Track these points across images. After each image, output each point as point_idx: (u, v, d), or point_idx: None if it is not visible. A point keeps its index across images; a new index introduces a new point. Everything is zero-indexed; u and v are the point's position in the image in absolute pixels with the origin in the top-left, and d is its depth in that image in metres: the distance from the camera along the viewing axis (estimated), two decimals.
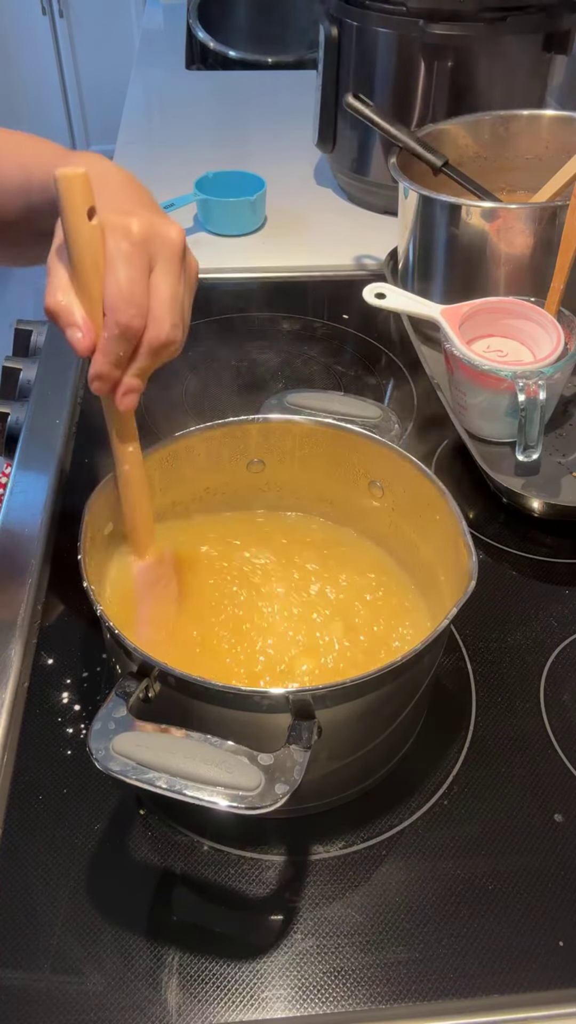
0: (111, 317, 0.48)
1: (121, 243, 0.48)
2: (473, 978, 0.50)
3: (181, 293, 0.51)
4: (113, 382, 0.51)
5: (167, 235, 0.50)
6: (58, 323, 0.49)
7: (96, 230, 0.48)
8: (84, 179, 0.46)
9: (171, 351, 0.51)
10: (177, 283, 0.50)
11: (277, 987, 0.50)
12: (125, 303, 0.48)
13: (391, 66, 1.09)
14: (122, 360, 0.50)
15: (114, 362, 0.50)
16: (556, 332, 0.82)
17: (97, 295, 0.49)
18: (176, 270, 0.50)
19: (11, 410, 0.91)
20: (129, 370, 0.50)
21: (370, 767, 0.58)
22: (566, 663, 0.67)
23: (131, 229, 0.48)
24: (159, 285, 0.49)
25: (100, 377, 0.50)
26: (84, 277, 0.48)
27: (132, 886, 0.54)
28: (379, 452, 0.62)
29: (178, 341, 0.51)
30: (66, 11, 3.00)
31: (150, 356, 0.50)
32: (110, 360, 0.50)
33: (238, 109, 1.60)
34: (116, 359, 0.50)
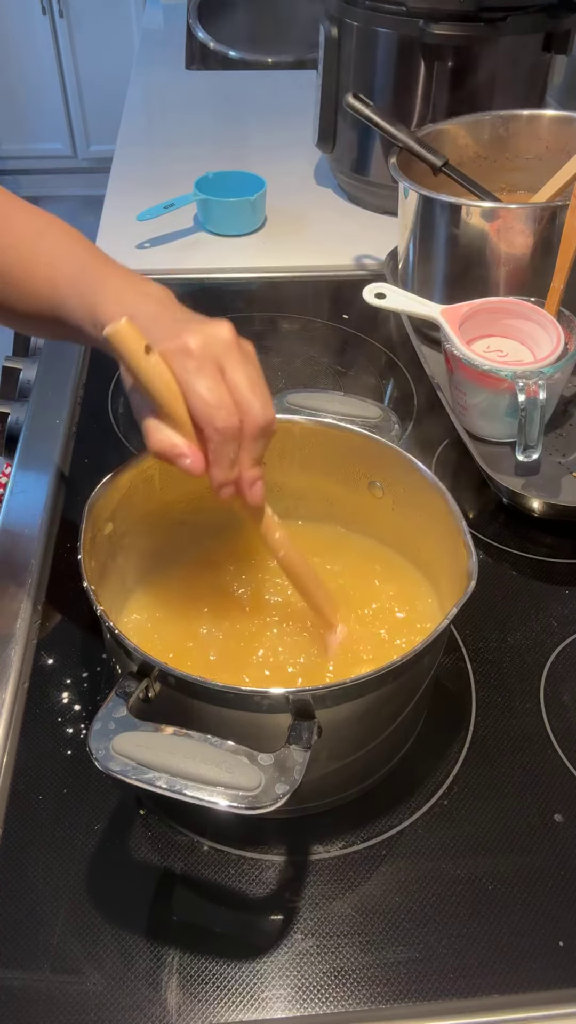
0: (208, 427, 0.51)
1: (187, 363, 0.51)
2: (473, 978, 0.50)
3: (254, 375, 0.53)
4: (235, 483, 0.53)
5: (220, 336, 0.52)
6: (168, 460, 0.52)
7: (159, 362, 0.50)
8: (130, 326, 0.49)
9: (271, 431, 0.53)
10: (247, 370, 0.53)
11: (277, 987, 0.50)
12: (215, 409, 0.50)
13: (391, 66, 1.09)
14: (234, 461, 0.52)
15: (228, 466, 0.52)
16: (556, 332, 0.82)
17: (185, 416, 0.51)
18: (241, 360, 0.53)
19: (11, 410, 0.91)
20: (243, 464, 0.53)
21: (370, 767, 0.58)
22: (566, 663, 0.67)
23: (190, 346, 0.51)
24: (234, 379, 0.52)
25: (223, 484, 0.53)
26: (167, 406, 0.51)
27: (132, 886, 0.54)
28: (379, 452, 0.62)
29: (272, 419, 0.53)
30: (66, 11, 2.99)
31: (255, 444, 0.53)
32: (224, 466, 0.52)
33: (238, 109, 1.60)
34: (229, 463, 0.52)
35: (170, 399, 0.50)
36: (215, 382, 0.51)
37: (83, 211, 3.11)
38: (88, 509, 0.56)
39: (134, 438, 0.87)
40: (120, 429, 0.88)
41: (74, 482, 0.82)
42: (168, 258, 1.15)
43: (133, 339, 0.49)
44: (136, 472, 0.60)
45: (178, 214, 1.18)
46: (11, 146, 3.25)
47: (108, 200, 1.27)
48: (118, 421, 0.89)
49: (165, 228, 1.19)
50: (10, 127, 3.21)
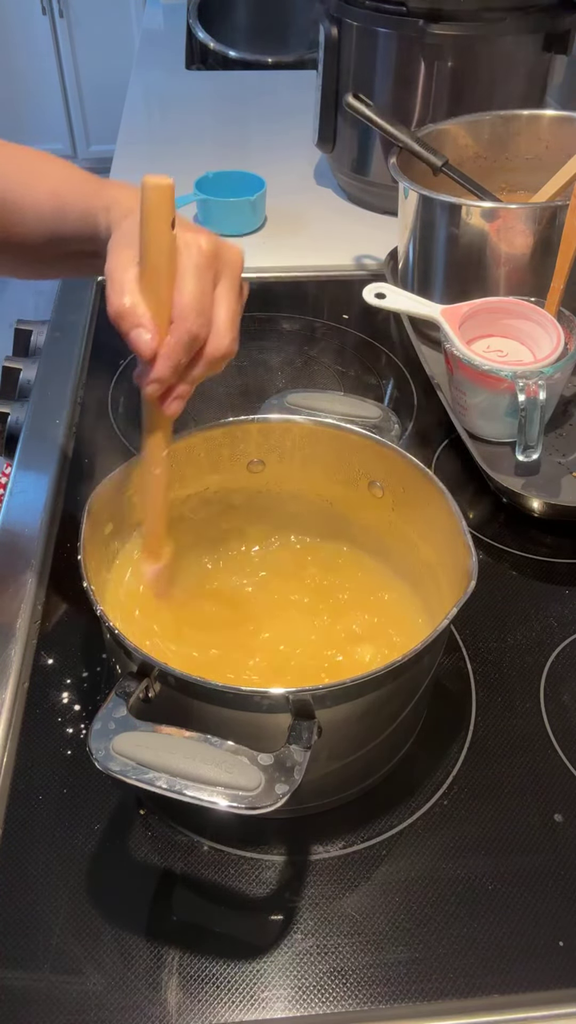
0: (180, 324, 0.50)
1: (194, 256, 0.50)
2: (473, 978, 0.50)
3: (237, 309, 0.53)
4: (168, 387, 0.52)
5: (232, 256, 0.53)
6: (123, 324, 0.50)
7: (175, 240, 0.50)
8: (171, 190, 0.48)
9: (223, 364, 0.53)
10: (237, 300, 0.53)
11: (277, 987, 0.50)
12: (195, 312, 0.50)
13: (391, 66, 1.09)
14: (181, 367, 0.52)
15: (174, 368, 0.51)
16: (556, 332, 0.82)
17: (164, 303, 0.50)
18: (237, 288, 0.53)
19: (11, 410, 0.91)
20: (184, 377, 0.52)
21: (370, 767, 0.58)
22: (566, 663, 0.67)
23: (202, 245, 0.51)
24: (223, 300, 0.52)
25: (160, 380, 0.51)
26: (156, 282, 0.50)
27: (132, 886, 0.54)
28: (379, 452, 0.62)
29: (233, 354, 0.53)
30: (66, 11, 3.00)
31: (206, 366, 0.52)
32: (171, 365, 0.51)
33: (238, 109, 1.60)
34: (177, 365, 0.51)
35: (165, 278, 0.50)
36: (208, 288, 0.51)
37: None
38: (88, 509, 0.56)
39: (134, 438, 0.87)
40: (120, 429, 0.88)
41: (74, 482, 0.82)
42: None
43: (168, 204, 0.48)
44: (135, 472, 0.60)
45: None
46: None
47: None
48: (118, 421, 0.89)
49: None
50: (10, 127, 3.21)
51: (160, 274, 0.50)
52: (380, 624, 0.62)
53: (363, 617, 0.63)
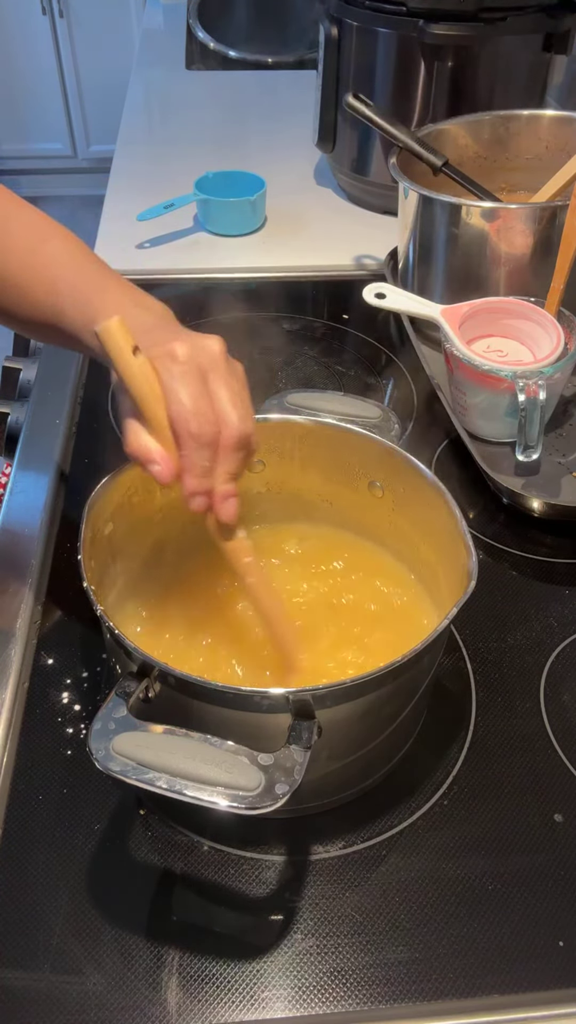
0: (183, 431, 0.51)
1: (172, 367, 0.51)
2: (473, 978, 0.50)
3: (237, 390, 0.53)
4: (208, 494, 0.52)
5: (209, 348, 0.53)
6: (139, 463, 0.52)
7: (145, 364, 0.50)
8: (120, 325, 0.50)
9: (249, 446, 0.53)
10: (231, 383, 0.52)
11: (277, 987, 0.50)
12: (192, 414, 0.50)
13: (391, 66, 1.09)
14: (208, 470, 0.52)
15: (200, 474, 0.52)
16: (556, 332, 0.82)
17: (164, 422, 0.51)
18: (227, 373, 0.53)
19: (11, 410, 0.91)
20: (217, 477, 0.52)
21: (370, 767, 0.58)
22: (566, 663, 0.67)
23: (176, 353, 0.51)
24: (216, 391, 0.52)
25: (195, 493, 0.52)
26: (147, 408, 0.51)
27: (132, 886, 0.54)
28: (379, 452, 0.62)
29: (250, 433, 0.53)
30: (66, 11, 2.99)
31: (231, 456, 0.52)
32: (196, 474, 0.52)
33: (238, 109, 1.60)
34: (202, 471, 0.52)
35: (151, 402, 0.51)
36: (196, 389, 0.51)
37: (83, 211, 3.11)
38: (88, 509, 0.56)
39: None
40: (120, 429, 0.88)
41: (74, 482, 0.82)
42: (168, 258, 1.15)
43: (122, 338, 0.50)
44: (136, 472, 0.60)
45: (178, 214, 1.18)
46: (11, 146, 3.25)
47: (108, 200, 1.27)
48: (118, 421, 0.89)
49: (165, 228, 1.19)
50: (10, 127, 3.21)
51: (147, 399, 0.51)
52: (380, 624, 0.62)
53: (363, 617, 0.63)
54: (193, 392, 0.51)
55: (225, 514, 0.53)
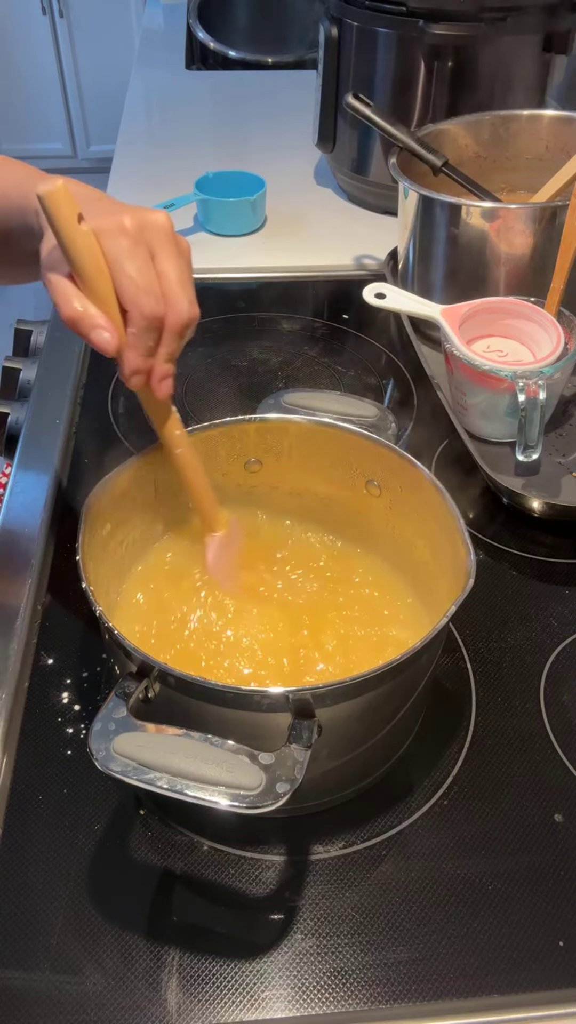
0: (135, 310, 0.50)
1: (120, 240, 0.49)
2: (473, 978, 0.50)
3: (185, 270, 0.52)
4: (147, 373, 0.53)
5: (156, 221, 0.51)
6: (80, 328, 0.50)
7: (89, 234, 0.49)
8: (65, 190, 0.47)
9: (192, 329, 0.53)
10: (180, 263, 0.52)
11: (277, 987, 0.50)
12: (144, 294, 0.50)
13: (391, 66, 1.09)
14: (152, 350, 0.52)
15: (145, 353, 0.52)
16: (556, 332, 0.82)
17: (107, 295, 0.50)
18: (175, 251, 0.52)
19: (11, 410, 0.91)
20: (159, 357, 0.52)
21: (370, 766, 0.58)
22: (566, 663, 0.67)
23: (124, 224, 0.50)
24: (166, 270, 0.51)
25: (137, 371, 0.52)
26: (90, 280, 0.49)
27: (132, 886, 0.54)
28: (376, 451, 0.62)
29: (197, 317, 0.52)
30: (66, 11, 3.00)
31: (175, 338, 0.52)
32: (141, 352, 0.51)
33: (238, 109, 1.60)
34: (147, 350, 0.52)
35: (96, 275, 0.49)
36: (146, 266, 0.50)
37: None
38: (86, 510, 0.56)
39: (134, 438, 0.87)
40: (120, 429, 0.88)
41: (74, 482, 0.82)
42: None
43: (67, 204, 0.47)
44: (134, 472, 0.60)
45: (178, 214, 1.18)
46: (11, 146, 3.25)
47: None
48: (118, 421, 0.89)
49: None
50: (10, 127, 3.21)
51: (90, 272, 0.49)
52: (379, 623, 0.62)
53: (360, 616, 0.63)
54: (143, 268, 0.50)
55: (161, 392, 0.54)
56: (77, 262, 0.49)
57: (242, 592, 0.63)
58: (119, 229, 0.50)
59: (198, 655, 0.60)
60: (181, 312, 0.51)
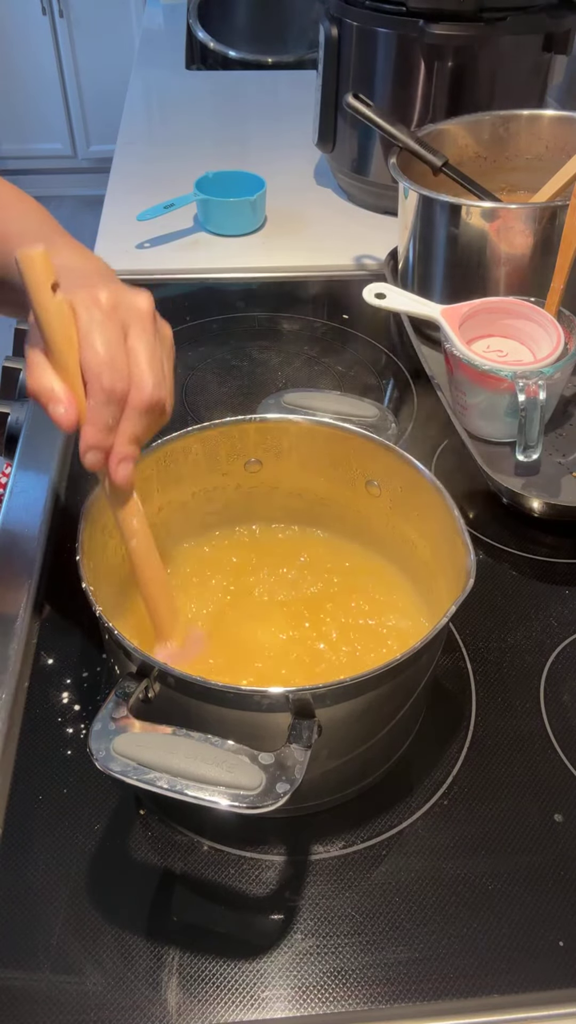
0: (94, 383, 0.48)
1: (92, 312, 0.49)
2: (473, 978, 0.50)
3: (160, 354, 0.51)
4: (106, 451, 0.50)
5: (135, 303, 0.50)
6: (40, 401, 0.49)
7: (63, 304, 0.48)
8: (43, 256, 0.46)
9: (158, 413, 0.51)
10: (153, 344, 0.50)
11: (277, 987, 0.50)
12: (106, 367, 0.48)
13: (391, 66, 1.09)
14: (111, 427, 0.49)
15: (103, 430, 0.49)
16: (556, 332, 0.82)
17: (74, 368, 0.48)
18: (150, 332, 0.50)
19: (11, 410, 0.91)
20: (120, 436, 0.50)
21: (370, 766, 0.58)
22: (566, 663, 0.67)
23: (99, 298, 0.49)
24: (135, 347, 0.49)
25: (92, 447, 0.49)
26: (58, 351, 0.48)
27: (132, 886, 0.54)
28: (376, 451, 0.62)
29: (163, 400, 0.50)
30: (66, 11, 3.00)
31: (138, 419, 0.50)
32: (99, 428, 0.49)
33: (238, 109, 1.60)
34: (105, 426, 0.49)
35: (63, 344, 0.48)
36: (114, 340, 0.49)
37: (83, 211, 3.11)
38: (86, 510, 0.56)
39: None
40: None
41: (74, 482, 0.82)
42: (168, 258, 1.15)
43: (43, 271, 0.46)
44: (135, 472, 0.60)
45: (178, 214, 1.19)
46: (11, 146, 3.25)
47: (108, 200, 1.27)
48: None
49: (165, 228, 1.19)
50: (10, 127, 3.21)
51: (58, 342, 0.48)
52: (379, 623, 0.62)
53: (362, 616, 0.63)
54: (110, 342, 0.48)
55: (119, 476, 0.51)
56: (46, 331, 0.48)
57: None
58: (93, 301, 0.49)
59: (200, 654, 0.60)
60: (144, 391, 0.49)
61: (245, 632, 0.62)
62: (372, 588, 0.65)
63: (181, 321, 1.03)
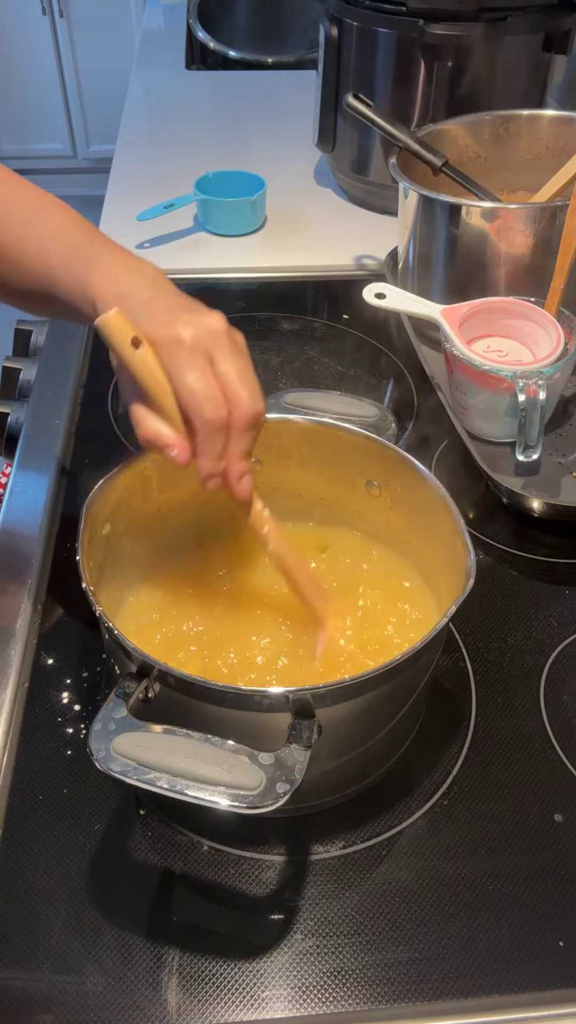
0: (196, 417, 0.51)
1: (177, 354, 0.51)
2: (473, 978, 0.50)
3: (244, 367, 0.53)
4: (223, 475, 0.53)
5: (211, 327, 0.53)
6: (155, 448, 0.53)
7: (147, 354, 0.51)
8: (119, 317, 0.50)
9: (260, 423, 0.54)
10: (238, 361, 0.53)
11: (277, 987, 0.50)
12: (203, 400, 0.51)
13: (391, 66, 1.09)
14: (221, 453, 0.53)
15: (215, 458, 0.53)
16: (556, 332, 0.82)
17: (172, 408, 0.52)
18: (231, 351, 0.53)
19: (11, 410, 0.91)
20: (231, 457, 0.53)
21: (370, 766, 0.58)
22: (566, 663, 0.67)
23: (181, 337, 0.51)
24: (225, 372, 0.52)
25: (211, 476, 0.53)
26: (155, 397, 0.51)
27: (132, 886, 0.54)
28: (376, 451, 0.62)
29: (261, 412, 0.53)
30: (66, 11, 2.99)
31: (243, 437, 0.53)
32: (211, 458, 0.52)
33: (238, 109, 1.60)
34: (216, 455, 0.52)
35: (157, 391, 0.51)
36: (204, 373, 0.51)
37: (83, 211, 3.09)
38: (86, 510, 0.56)
39: (133, 438, 0.86)
40: (120, 429, 0.88)
41: (74, 482, 0.82)
42: (168, 258, 1.15)
43: (122, 330, 0.50)
44: (134, 472, 0.60)
45: (178, 214, 1.18)
46: (11, 146, 3.25)
47: (108, 200, 1.27)
48: (118, 421, 0.89)
49: (165, 228, 1.19)
50: (10, 127, 3.21)
51: (152, 389, 0.51)
52: (379, 623, 0.62)
53: (362, 616, 0.63)
54: (201, 376, 0.51)
55: (240, 492, 0.54)
56: (139, 383, 0.51)
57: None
58: (175, 342, 0.51)
59: (199, 654, 0.60)
60: (244, 408, 0.52)
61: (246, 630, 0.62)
62: (373, 586, 0.65)
63: None
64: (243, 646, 0.61)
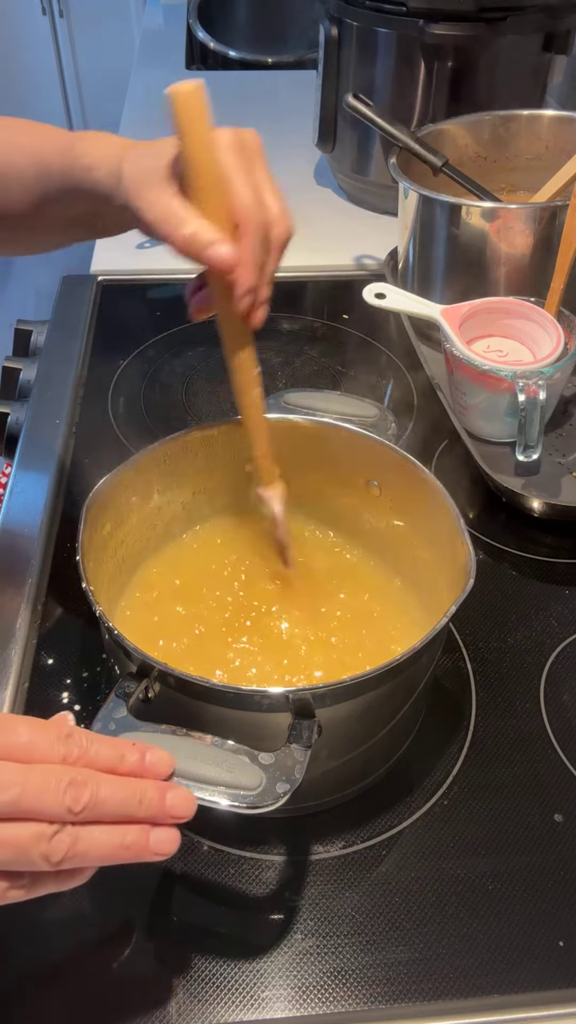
0: (249, 223, 0.49)
1: (230, 153, 0.49)
2: (473, 978, 0.50)
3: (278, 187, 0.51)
4: (256, 292, 0.51)
5: (253, 138, 0.51)
6: (195, 248, 0.49)
7: (213, 144, 0.48)
8: (201, 91, 0.46)
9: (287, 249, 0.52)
10: (271, 179, 0.51)
11: (277, 987, 0.50)
12: (257, 206, 0.49)
13: (391, 66, 1.09)
14: (261, 267, 0.50)
15: (257, 269, 0.50)
16: (556, 332, 0.82)
17: (219, 209, 0.48)
18: (266, 166, 0.51)
19: (11, 410, 0.91)
20: (264, 279, 0.51)
21: (370, 765, 0.58)
22: (566, 663, 0.67)
23: (232, 140, 0.49)
24: (266, 185, 0.50)
25: (251, 289, 0.50)
26: (210, 193, 0.48)
27: (132, 886, 0.54)
28: (376, 451, 0.62)
29: (292, 231, 0.51)
30: (66, 11, 2.99)
31: (278, 255, 0.51)
32: (253, 269, 0.50)
33: (238, 109, 1.60)
34: (258, 266, 0.50)
35: (214, 187, 0.48)
36: (256, 181, 0.49)
37: None
38: (86, 510, 0.56)
39: (133, 438, 0.87)
40: (120, 429, 0.88)
41: (74, 482, 0.82)
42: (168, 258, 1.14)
43: (200, 108, 0.46)
44: (134, 472, 0.60)
45: None
46: None
47: None
48: (118, 421, 0.89)
49: None
50: None
51: (212, 182, 0.48)
52: (379, 623, 0.62)
53: (362, 616, 0.63)
54: (253, 182, 0.49)
55: (258, 320, 0.52)
56: (201, 174, 0.47)
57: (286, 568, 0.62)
58: (228, 142, 0.49)
59: (200, 653, 0.60)
60: (284, 226, 0.50)
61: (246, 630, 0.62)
62: (372, 586, 0.65)
63: (182, 321, 1.03)
64: (246, 644, 0.61)
